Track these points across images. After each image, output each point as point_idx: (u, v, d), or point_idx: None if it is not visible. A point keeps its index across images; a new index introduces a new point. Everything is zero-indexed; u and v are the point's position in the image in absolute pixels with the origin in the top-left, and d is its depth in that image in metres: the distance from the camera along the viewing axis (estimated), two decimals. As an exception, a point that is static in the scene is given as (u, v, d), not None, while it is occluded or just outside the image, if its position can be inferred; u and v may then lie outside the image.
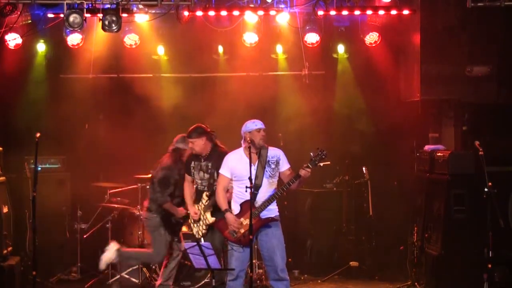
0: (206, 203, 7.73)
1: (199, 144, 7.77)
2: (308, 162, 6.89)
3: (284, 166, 7.13)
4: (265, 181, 7.01)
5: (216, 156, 7.69)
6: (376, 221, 9.78)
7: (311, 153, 6.92)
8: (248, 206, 6.94)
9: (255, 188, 6.90)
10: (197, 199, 7.83)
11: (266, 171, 7.03)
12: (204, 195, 7.74)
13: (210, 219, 7.68)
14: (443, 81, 9.33)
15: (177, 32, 9.84)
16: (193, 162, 7.88)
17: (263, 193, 6.99)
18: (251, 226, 6.78)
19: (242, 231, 7.01)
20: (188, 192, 7.94)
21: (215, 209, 7.61)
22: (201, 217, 7.76)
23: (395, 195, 10.09)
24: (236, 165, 7.11)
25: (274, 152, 7.15)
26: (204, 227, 7.75)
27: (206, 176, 7.79)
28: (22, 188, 9.45)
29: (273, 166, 7.07)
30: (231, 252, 7.03)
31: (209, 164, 7.78)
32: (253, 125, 7.06)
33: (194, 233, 7.83)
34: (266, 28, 9.68)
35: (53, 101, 10.13)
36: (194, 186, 7.89)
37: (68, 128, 10.05)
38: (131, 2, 8.11)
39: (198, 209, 7.77)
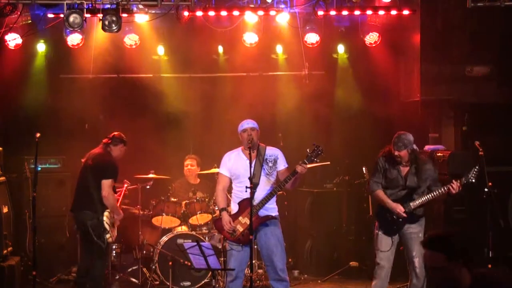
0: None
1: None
2: (304, 158, 6.92)
3: (282, 165, 7.16)
4: (262, 179, 7.04)
5: None
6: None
7: (308, 149, 6.96)
8: (245, 205, 6.97)
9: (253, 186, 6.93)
10: None
11: (264, 169, 7.06)
12: None
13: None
14: (443, 81, 9.33)
15: (177, 32, 9.84)
16: None
17: (261, 192, 7.01)
18: (251, 226, 6.79)
19: (241, 229, 7.02)
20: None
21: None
22: None
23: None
24: (234, 164, 7.14)
25: (272, 151, 7.19)
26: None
27: None
28: (22, 188, 9.44)
29: (270, 164, 7.10)
30: (230, 252, 7.04)
31: None
32: (240, 125, 7.17)
33: (107, 237, 7.82)
34: (266, 28, 9.67)
35: (53, 101, 10.12)
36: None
37: (68, 128, 10.05)
38: (131, 2, 8.10)
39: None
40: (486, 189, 7.49)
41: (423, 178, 7.32)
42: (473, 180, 7.17)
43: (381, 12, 8.97)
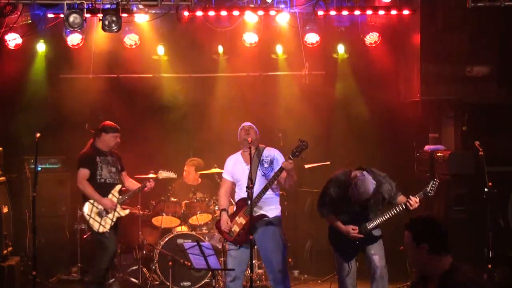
0: (120, 196, 8.12)
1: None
2: (289, 153, 6.90)
3: (278, 166, 7.12)
4: (258, 180, 7.03)
5: (114, 152, 8.32)
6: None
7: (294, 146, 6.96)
8: (240, 205, 7.03)
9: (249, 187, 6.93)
10: (107, 192, 8.08)
11: (259, 170, 7.07)
12: (117, 188, 8.14)
13: (124, 212, 8.16)
14: (443, 81, 9.32)
15: (177, 32, 9.84)
16: (97, 157, 8.14)
17: (257, 192, 7.00)
18: (251, 226, 6.79)
19: (237, 230, 7.02)
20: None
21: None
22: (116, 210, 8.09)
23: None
24: (233, 168, 7.20)
25: (269, 152, 7.19)
26: (114, 220, 8.05)
27: (114, 169, 8.20)
28: (22, 188, 9.45)
29: (266, 165, 7.10)
30: (229, 253, 7.05)
31: (113, 159, 8.25)
32: (239, 128, 7.21)
33: (96, 227, 7.97)
34: (266, 28, 9.68)
35: (53, 101, 10.12)
36: (102, 181, 8.11)
37: (68, 128, 10.05)
38: (131, 2, 8.10)
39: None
40: (486, 189, 7.49)
41: (381, 199, 6.87)
42: (432, 194, 6.78)
43: (381, 12, 8.98)
